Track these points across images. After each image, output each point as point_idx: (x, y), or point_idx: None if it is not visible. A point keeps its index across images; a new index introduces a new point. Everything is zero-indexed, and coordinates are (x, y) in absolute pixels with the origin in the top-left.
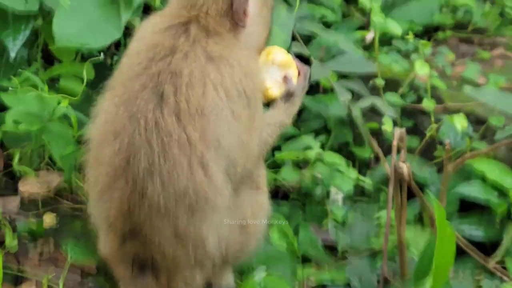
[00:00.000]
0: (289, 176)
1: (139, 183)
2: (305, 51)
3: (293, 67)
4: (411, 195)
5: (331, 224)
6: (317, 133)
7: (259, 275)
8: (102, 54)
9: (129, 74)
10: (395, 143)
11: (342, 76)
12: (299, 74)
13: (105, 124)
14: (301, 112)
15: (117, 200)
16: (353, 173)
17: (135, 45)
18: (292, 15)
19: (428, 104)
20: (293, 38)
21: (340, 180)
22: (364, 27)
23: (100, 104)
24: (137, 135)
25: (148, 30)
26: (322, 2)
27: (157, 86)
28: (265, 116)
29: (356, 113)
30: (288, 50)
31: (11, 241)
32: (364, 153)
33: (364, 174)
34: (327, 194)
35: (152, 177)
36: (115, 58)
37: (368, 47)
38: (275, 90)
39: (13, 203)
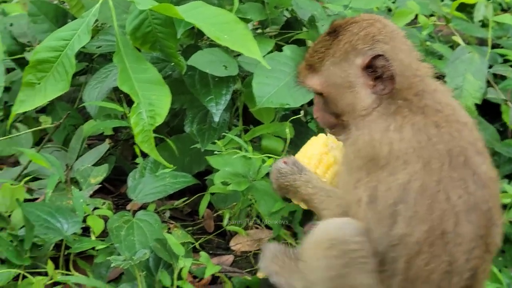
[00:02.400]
0: None
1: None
2: (500, 96)
3: None
4: None
5: None
6: (509, 178)
7: None
8: (302, 112)
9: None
10: None
11: None
12: None
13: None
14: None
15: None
16: None
17: (419, 156)
18: (485, 61)
19: None
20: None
21: None
22: None
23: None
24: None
25: (409, 141)
26: (503, 45)
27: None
28: None
29: None
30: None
31: None
32: None
33: None
34: None
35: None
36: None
37: None
38: None
39: (227, 261)
